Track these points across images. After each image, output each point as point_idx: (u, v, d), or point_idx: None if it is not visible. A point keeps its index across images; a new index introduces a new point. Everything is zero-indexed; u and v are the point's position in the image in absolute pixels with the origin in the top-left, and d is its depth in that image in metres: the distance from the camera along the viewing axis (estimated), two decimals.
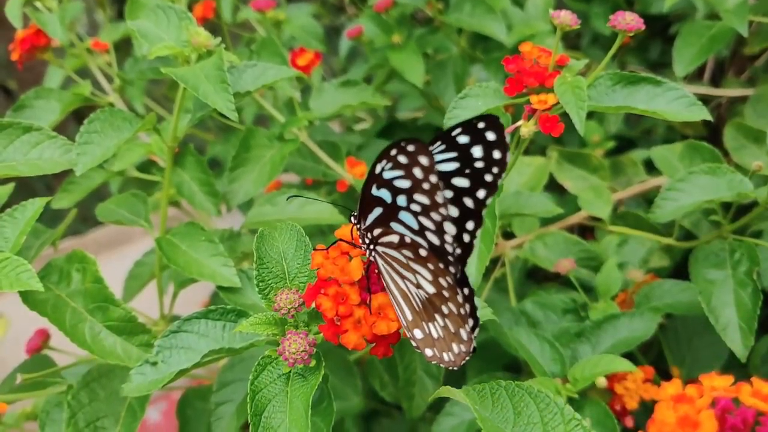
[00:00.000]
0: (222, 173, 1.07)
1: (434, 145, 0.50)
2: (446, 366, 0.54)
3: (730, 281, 0.76)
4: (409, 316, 0.53)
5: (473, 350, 0.54)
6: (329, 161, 1.00)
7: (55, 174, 0.70)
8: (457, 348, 0.53)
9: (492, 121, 0.49)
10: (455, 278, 0.52)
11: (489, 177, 0.50)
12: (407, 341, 0.55)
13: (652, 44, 1.42)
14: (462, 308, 0.52)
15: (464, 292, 0.53)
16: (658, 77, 0.67)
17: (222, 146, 1.33)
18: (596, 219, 1.00)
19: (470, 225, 0.52)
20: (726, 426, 0.43)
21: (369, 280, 0.55)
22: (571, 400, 0.71)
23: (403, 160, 0.46)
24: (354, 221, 0.54)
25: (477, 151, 0.50)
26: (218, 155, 1.34)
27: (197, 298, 1.37)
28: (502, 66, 0.69)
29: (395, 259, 0.52)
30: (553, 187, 1.11)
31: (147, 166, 1.07)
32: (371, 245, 0.53)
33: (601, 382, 0.73)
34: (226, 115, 0.66)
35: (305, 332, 0.54)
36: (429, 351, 0.53)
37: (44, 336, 0.85)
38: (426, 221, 0.49)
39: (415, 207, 0.49)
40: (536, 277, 1.18)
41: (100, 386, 0.71)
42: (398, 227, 0.51)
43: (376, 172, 0.48)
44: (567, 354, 0.77)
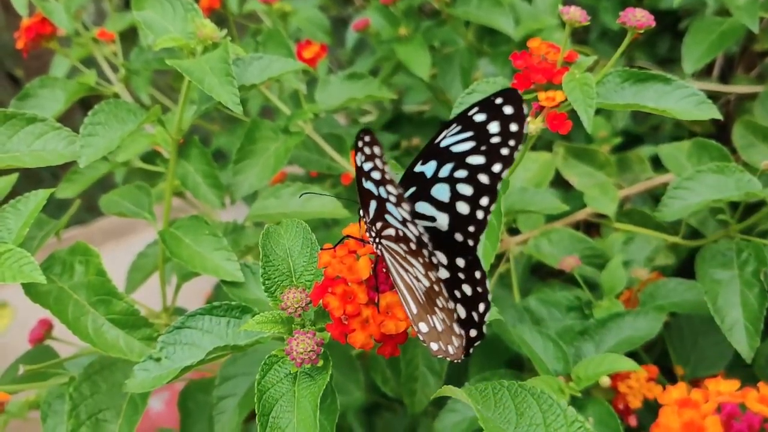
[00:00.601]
0: (227, 165, 1.07)
1: (450, 128, 0.51)
2: (451, 359, 0.53)
3: (737, 281, 0.76)
4: (414, 309, 0.52)
5: (481, 337, 0.54)
6: (334, 154, 1.00)
7: (62, 164, 0.69)
8: (457, 341, 0.53)
9: (510, 95, 0.49)
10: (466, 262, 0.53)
11: (505, 150, 0.50)
12: (411, 338, 0.55)
13: (661, 39, 1.41)
14: (449, 302, 0.51)
15: (476, 276, 0.53)
16: (668, 75, 0.66)
17: (227, 138, 1.33)
18: (602, 216, 0.99)
19: (484, 201, 0.52)
20: None
21: (377, 279, 0.54)
22: (574, 399, 0.71)
23: (367, 151, 0.46)
24: (362, 215, 0.54)
25: (494, 127, 0.50)
26: (223, 147, 1.34)
27: (201, 289, 1.37)
28: (510, 60, 0.69)
29: (397, 252, 0.52)
30: (559, 183, 1.10)
31: (151, 157, 1.06)
32: (377, 239, 0.53)
33: (605, 381, 0.72)
34: (231, 109, 0.66)
35: (313, 332, 0.53)
36: (434, 345, 0.53)
37: (47, 326, 0.85)
38: (396, 213, 0.49)
39: (391, 198, 0.48)
40: (540, 274, 1.18)
41: (102, 378, 0.71)
42: (391, 220, 0.51)
43: (358, 164, 0.48)
44: (570, 352, 0.77)
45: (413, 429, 1.15)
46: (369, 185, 0.49)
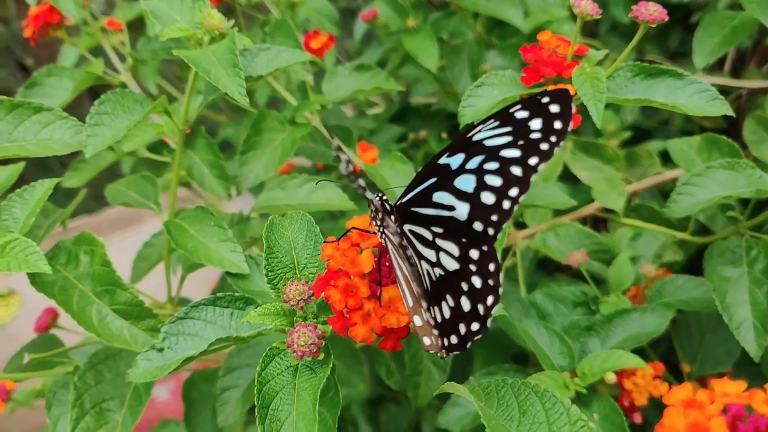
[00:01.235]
0: (233, 156, 1.07)
1: (487, 123, 0.52)
2: (437, 353, 0.54)
3: (746, 279, 0.75)
4: (410, 302, 0.53)
5: (484, 331, 0.54)
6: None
7: (72, 152, 0.69)
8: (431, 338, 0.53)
9: (559, 95, 0.51)
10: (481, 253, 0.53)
11: (545, 145, 0.51)
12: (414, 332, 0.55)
13: (673, 33, 1.40)
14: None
15: (489, 268, 0.53)
16: (680, 70, 0.66)
17: (234, 128, 1.32)
18: (610, 211, 0.99)
19: (514, 192, 0.53)
20: None
21: (380, 272, 0.54)
22: (579, 395, 0.70)
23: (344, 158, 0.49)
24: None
25: (536, 123, 0.51)
26: (230, 137, 1.34)
27: (207, 279, 1.37)
28: (519, 52, 0.68)
29: (393, 244, 0.53)
30: (567, 177, 1.10)
31: (158, 147, 1.06)
32: (380, 228, 0.54)
33: (610, 378, 0.72)
34: (238, 100, 0.65)
35: (314, 324, 0.53)
36: (427, 339, 0.53)
37: (53, 315, 0.85)
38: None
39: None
40: (547, 268, 1.17)
41: (107, 368, 0.71)
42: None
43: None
44: (576, 348, 0.76)
45: (417, 422, 1.15)
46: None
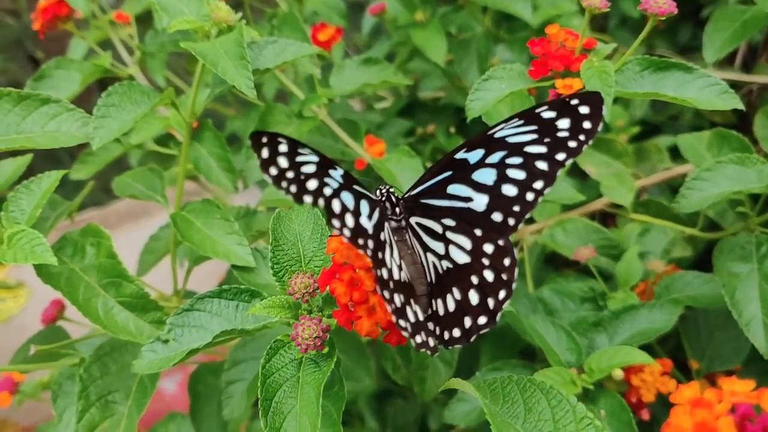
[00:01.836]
0: (241, 149, 1.06)
1: (510, 122, 0.53)
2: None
3: (756, 275, 0.74)
4: (397, 304, 0.53)
5: (492, 325, 0.54)
6: (348, 139, 0.99)
7: (81, 144, 0.69)
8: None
9: (588, 97, 0.52)
10: (495, 245, 0.54)
11: (573, 143, 0.52)
12: None
13: (683, 27, 1.39)
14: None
15: (504, 263, 0.53)
16: (689, 63, 0.65)
17: (242, 121, 1.32)
18: (618, 206, 0.98)
19: (538, 184, 0.54)
20: None
21: None
22: (587, 391, 0.70)
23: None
24: None
25: (563, 123, 0.52)
26: (238, 131, 1.34)
27: (214, 272, 1.37)
28: (527, 46, 0.68)
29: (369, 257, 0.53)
30: (575, 172, 1.09)
31: (166, 140, 1.06)
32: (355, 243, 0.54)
33: (618, 374, 0.71)
34: (245, 93, 0.65)
35: (319, 318, 0.53)
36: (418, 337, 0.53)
37: (59, 306, 0.85)
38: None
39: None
40: (555, 263, 1.16)
41: (112, 360, 0.71)
42: None
43: None
44: (583, 344, 0.76)
45: (424, 416, 1.15)
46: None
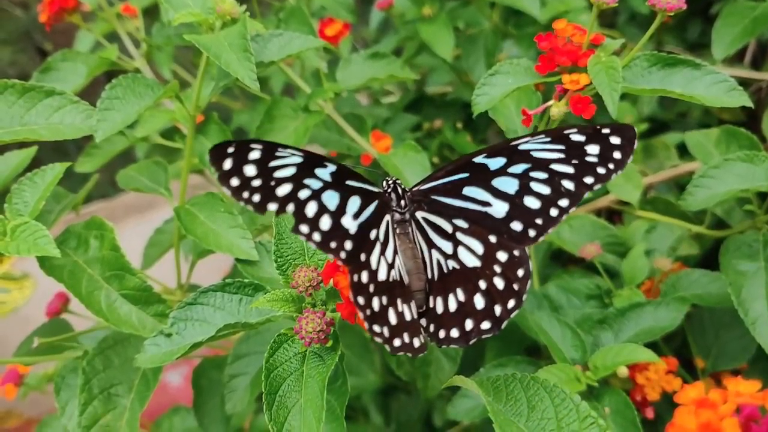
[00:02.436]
0: None
1: (536, 137, 0.54)
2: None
3: (762, 274, 0.73)
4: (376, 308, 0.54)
5: (495, 331, 0.54)
6: (354, 134, 0.99)
7: (88, 136, 0.69)
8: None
9: (621, 129, 0.53)
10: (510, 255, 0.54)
11: (602, 170, 0.53)
12: None
13: (692, 23, 1.38)
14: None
15: (517, 273, 0.54)
16: (697, 60, 0.64)
17: (248, 115, 1.32)
18: (625, 203, 0.97)
19: (564, 202, 0.54)
20: None
21: None
22: (591, 388, 0.70)
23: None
24: None
25: (593, 149, 0.53)
26: (244, 124, 1.33)
27: (219, 267, 1.37)
28: (535, 42, 0.67)
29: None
30: None
31: (172, 133, 1.06)
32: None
33: (623, 372, 0.71)
34: (248, 86, 0.65)
35: (322, 311, 0.53)
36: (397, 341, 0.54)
37: (64, 299, 0.85)
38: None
39: None
40: (561, 260, 1.16)
41: (116, 353, 0.71)
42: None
43: None
44: (588, 341, 0.75)
45: (429, 412, 1.15)
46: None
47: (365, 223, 0.53)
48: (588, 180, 0.53)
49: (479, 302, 0.54)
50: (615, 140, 0.52)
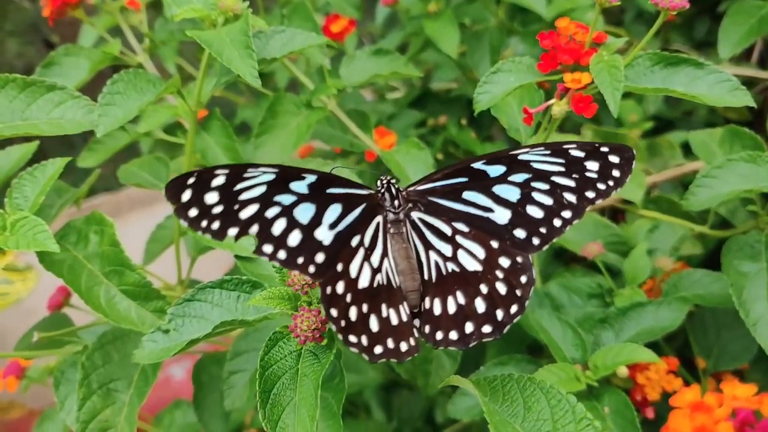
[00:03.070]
0: (249, 138, 1.06)
1: (536, 149, 0.54)
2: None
3: (764, 275, 0.73)
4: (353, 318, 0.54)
5: (496, 335, 0.54)
6: (357, 131, 0.99)
7: (93, 131, 0.69)
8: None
9: (619, 149, 0.54)
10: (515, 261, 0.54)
11: (602, 186, 0.53)
12: None
13: (699, 22, 1.37)
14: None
15: (521, 279, 0.53)
16: (700, 59, 0.64)
17: (253, 110, 1.32)
18: (628, 202, 0.97)
19: (567, 214, 0.54)
20: None
21: None
22: (591, 388, 0.69)
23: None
24: None
25: (592, 165, 0.53)
26: (248, 120, 1.33)
27: (221, 265, 1.37)
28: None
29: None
30: None
31: (175, 129, 1.06)
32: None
33: (623, 372, 0.71)
34: (250, 82, 0.65)
35: (318, 309, 0.53)
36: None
37: (65, 293, 0.86)
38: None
39: None
40: (563, 258, 1.16)
41: (115, 349, 0.71)
42: None
43: None
44: (589, 340, 0.75)
45: (430, 408, 1.15)
46: None
47: (345, 231, 0.53)
48: (589, 194, 0.54)
49: (480, 306, 0.53)
50: (614, 159, 0.53)
